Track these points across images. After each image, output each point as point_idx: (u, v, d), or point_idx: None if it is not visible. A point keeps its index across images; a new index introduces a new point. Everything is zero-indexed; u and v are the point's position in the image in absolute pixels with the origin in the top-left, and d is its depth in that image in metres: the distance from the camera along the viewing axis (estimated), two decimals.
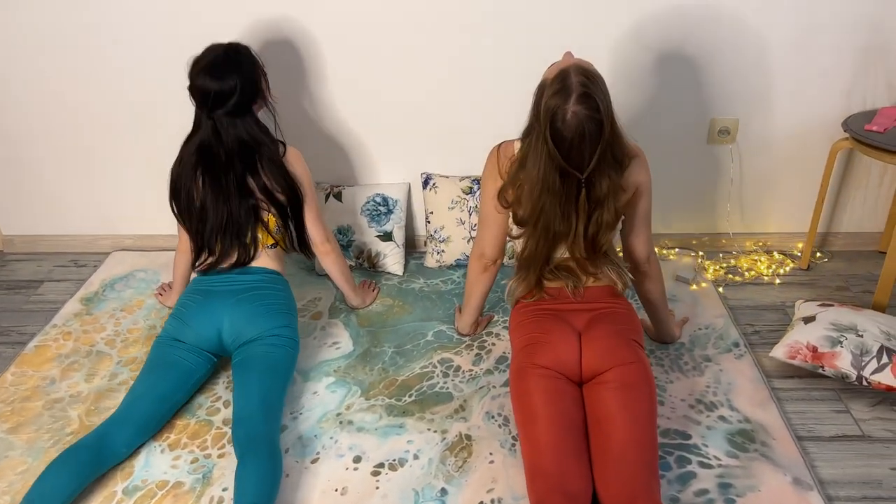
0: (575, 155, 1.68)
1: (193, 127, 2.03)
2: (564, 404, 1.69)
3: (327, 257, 2.27)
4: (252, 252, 2.08)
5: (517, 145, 1.86)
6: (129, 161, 2.73)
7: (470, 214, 2.61)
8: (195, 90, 1.96)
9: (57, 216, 2.88)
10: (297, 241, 2.18)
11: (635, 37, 2.40)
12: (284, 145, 2.10)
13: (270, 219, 2.09)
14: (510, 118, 2.57)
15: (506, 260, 2.56)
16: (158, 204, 2.77)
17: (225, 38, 2.30)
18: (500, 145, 1.94)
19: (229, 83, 1.94)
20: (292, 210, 2.11)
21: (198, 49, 2.00)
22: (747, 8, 2.33)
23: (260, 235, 2.09)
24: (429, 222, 2.67)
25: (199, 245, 2.08)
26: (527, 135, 1.80)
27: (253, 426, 1.78)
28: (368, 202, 2.65)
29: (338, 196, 2.66)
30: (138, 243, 2.90)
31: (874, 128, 2.25)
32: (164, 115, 2.60)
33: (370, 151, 2.68)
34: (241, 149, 2.00)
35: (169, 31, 2.45)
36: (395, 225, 2.65)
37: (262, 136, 2.03)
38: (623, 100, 2.48)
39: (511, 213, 1.87)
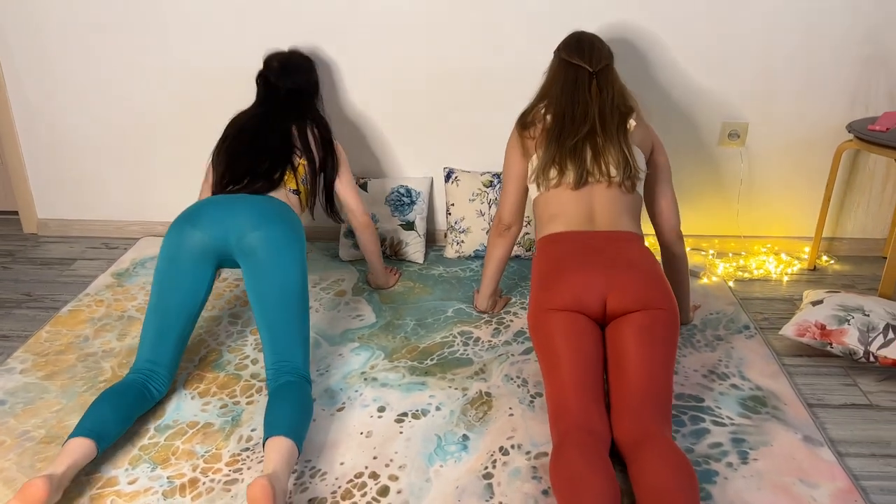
0: (586, 50, 2.06)
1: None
2: (586, 345, 1.73)
3: (367, 229, 2.38)
4: (276, 185, 2.10)
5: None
6: (163, 150, 2.87)
7: (490, 207, 2.72)
8: (274, 84, 2.29)
9: (90, 202, 3.00)
10: (325, 204, 2.33)
11: (650, 42, 2.55)
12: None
13: (301, 166, 2.18)
14: None
15: (520, 252, 2.67)
16: (190, 192, 2.92)
17: (262, 36, 2.62)
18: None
19: (301, 81, 2.34)
20: (325, 171, 2.27)
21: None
22: (755, 17, 2.50)
23: (286, 178, 2.13)
24: (449, 214, 2.78)
25: (225, 168, 2.12)
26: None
27: (287, 367, 1.83)
28: (392, 193, 2.77)
29: (363, 186, 2.78)
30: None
31: (877, 127, 2.38)
32: (198, 110, 2.76)
33: (395, 147, 2.81)
34: (294, 98, 2.28)
35: (209, 29, 2.62)
36: (418, 215, 2.77)
37: (311, 96, 2.37)
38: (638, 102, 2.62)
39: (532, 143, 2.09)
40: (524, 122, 2.11)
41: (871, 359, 2.02)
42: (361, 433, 1.82)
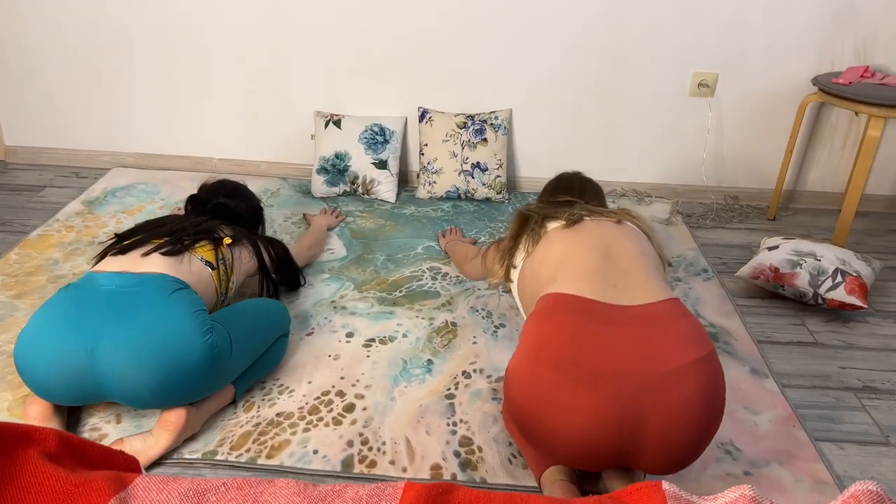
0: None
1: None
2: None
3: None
4: (179, 251, 1.69)
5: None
6: (137, 79, 2.84)
7: (462, 148, 2.75)
8: (208, 204, 1.98)
9: (60, 130, 2.97)
10: (290, 284, 2.13)
11: None
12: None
13: (225, 243, 1.81)
14: (505, 60, 2.75)
15: (491, 195, 2.70)
16: (161, 124, 2.90)
17: None
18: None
19: (242, 206, 2.05)
20: (273, 254, 2.00)
21: None
22: None
23: (200, 245, 1.75)
24: (422, 154, 2.80)
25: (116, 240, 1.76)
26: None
27: None
28: (366, 131, 2.78)
29: (337, 123, 2.79)
30: (139, 162, 2.99)
31: (841, 81, 2.45)
32: (174, 40, 2.72)
33: (371, 84, 2.81)
34: (224, 211, 1.99)
35: None
36: (391, 154, 2.79)
37: (248, 222, 2.05)
38: (615, 52, 2.66)
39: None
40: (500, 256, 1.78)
41: (820, 301, 2.12)
42: (329, 356, 1.87)
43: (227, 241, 1.82)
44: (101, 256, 1.72)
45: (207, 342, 1.51)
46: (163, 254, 1.65)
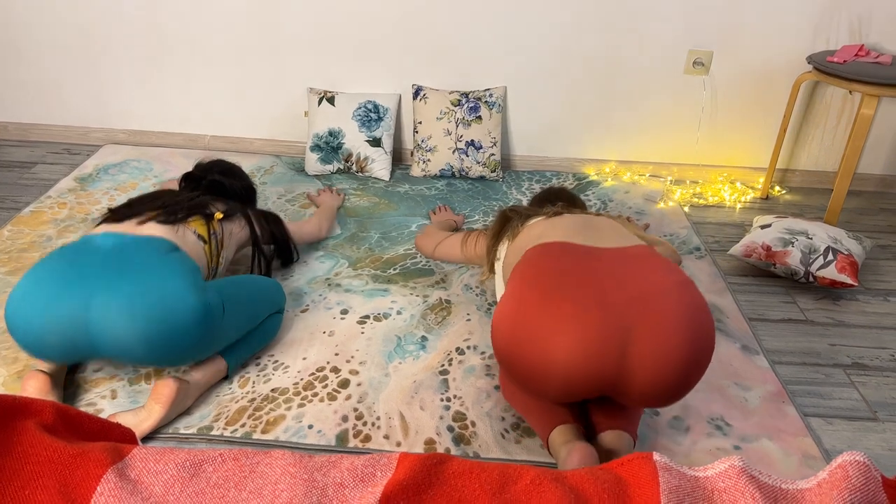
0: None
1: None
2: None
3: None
4: (173, 221, 1.72)
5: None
6: (129, 55, 2.81)
7: (457, 126, 2.75)
8: (203, 181, 2.00)
9: (52, 106, 2.94)
10: (282, 260, 2.14)
11: None
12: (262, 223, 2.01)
13: (217, 218, 1.84)
14: (500, 37, 2.73)
15: (485, 173, 2.69)
16: (154, 100, 2.88)
17: None
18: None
19: (235, 184, 2.06)
20: (271, 228, 2.04)
21: None
22: None
23: (192, 220, 1.77)
24: (416, 132, 2.80)
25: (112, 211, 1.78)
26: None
27: None
28: (360, 108, 2.77)
29: (331, 100, 2.77)
30: (131, 138, 2.97)
31: (835, 59, 2.44)
32: (166, 16, 2.69)
33: (365, 61, 2.79)
34: (218, 188, 2.01)
35: None
36: (385, 132, 2.78)
37: (241, 199, 2.05)
38: (610, 29, 2.65)
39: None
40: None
41: (811, 279, 2.14)
42: (324, 332, 1.88)
43: (219, 215, 1.84)
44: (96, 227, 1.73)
45: (201, 299, 1.52)
46: (159, 222, 1.68)
